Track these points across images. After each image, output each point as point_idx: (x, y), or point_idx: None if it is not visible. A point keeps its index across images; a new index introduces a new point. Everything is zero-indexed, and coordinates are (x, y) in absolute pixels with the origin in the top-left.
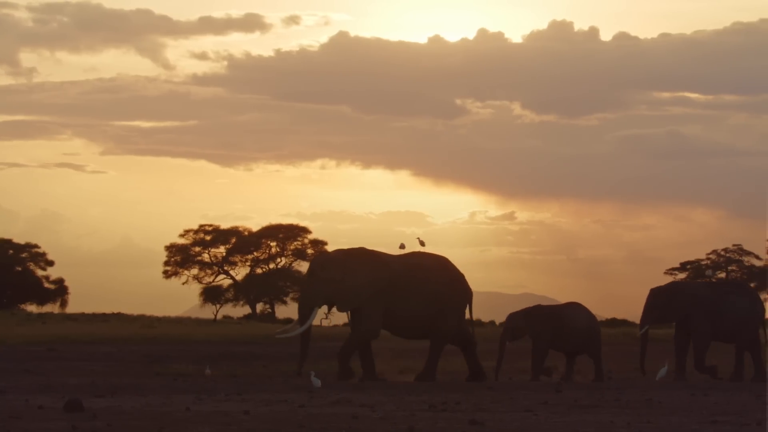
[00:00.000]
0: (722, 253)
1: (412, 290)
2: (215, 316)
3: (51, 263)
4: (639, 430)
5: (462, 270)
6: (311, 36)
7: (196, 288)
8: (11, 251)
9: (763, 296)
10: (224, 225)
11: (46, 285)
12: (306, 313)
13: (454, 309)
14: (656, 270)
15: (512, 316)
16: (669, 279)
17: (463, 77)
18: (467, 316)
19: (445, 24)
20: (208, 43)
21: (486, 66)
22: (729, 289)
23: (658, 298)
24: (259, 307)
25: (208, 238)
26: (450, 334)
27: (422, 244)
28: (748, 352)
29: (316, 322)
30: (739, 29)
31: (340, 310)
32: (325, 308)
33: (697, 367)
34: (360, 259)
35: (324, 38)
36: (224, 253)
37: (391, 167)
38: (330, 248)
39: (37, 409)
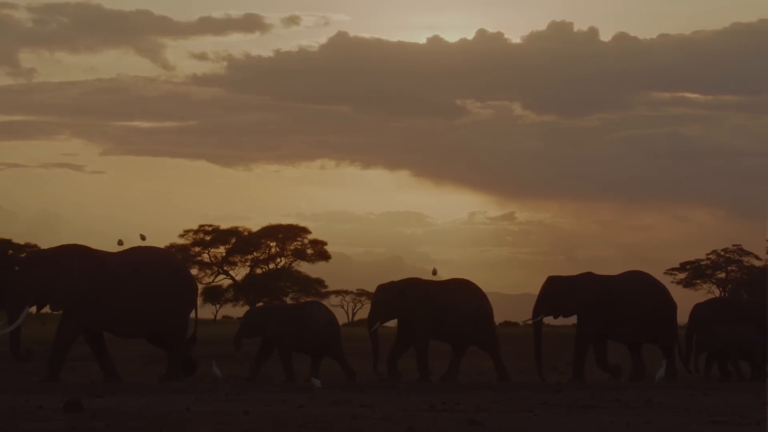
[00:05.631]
0: (722, 253)
1: (131, 288)
2: (215, 316)
3: None
4: (639, 430)
5: (462, 270)
6: (311, 36)
7: None
8: (11, 251)
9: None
10: (224, 225)
11: None
12: (16, 312)
13: (180, 304)
14: (656, 270)
15: (250, 314)
16: (669, 279)
17: (463, 77)
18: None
19: (445, 24)
20: (207, 43)
21: (486, 66)
22: (455, 288)
23: (387, 296)
24: None
25: (207, 238)
26: (184, 330)
27: (143, 238)
28: (484, 351)
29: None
30: (738, 30)
31: (53, 309)
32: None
33: (419, 368)
34: (72, 256)
35: (323, 39)
36: (224, 254)
37: (391, 167)
38: (330, 248)
39: (37, 409)
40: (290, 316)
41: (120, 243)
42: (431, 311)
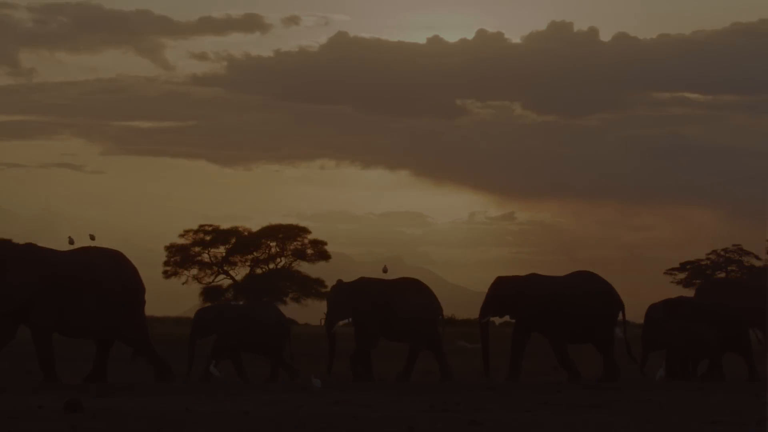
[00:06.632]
0: (722, 253)
1: (82, 288)
2: None
3: None
4: (639, 430)
5: (462, 270)
6: (311, 36)
7: (196, 288)
8: None
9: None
10: (224, 225)
11: None
12: None
13: (135, 305)
14: (656, 270)
15: (200, 314)
16: (669, 279)
17: (463, 77)
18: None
19: (445, 24)
20: (207, 43)
21: (486, 66)
22: (404, 286)
23: (342, 296)
24: None
25: (207, 238)
26: (143, 329)
27: (92, 238)
28: (425, 350)
29: (315, 322)
30: (738, 29)
31: (1, 310)
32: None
33: (351, 366)
34: (20, 254)
35: (323, 39)
36: (224, 254)
37: (391, 167)
38: (330, 248)
39: (37, 409)
40: (238, 316)
41: (71, 242)
42: (381, 310)
